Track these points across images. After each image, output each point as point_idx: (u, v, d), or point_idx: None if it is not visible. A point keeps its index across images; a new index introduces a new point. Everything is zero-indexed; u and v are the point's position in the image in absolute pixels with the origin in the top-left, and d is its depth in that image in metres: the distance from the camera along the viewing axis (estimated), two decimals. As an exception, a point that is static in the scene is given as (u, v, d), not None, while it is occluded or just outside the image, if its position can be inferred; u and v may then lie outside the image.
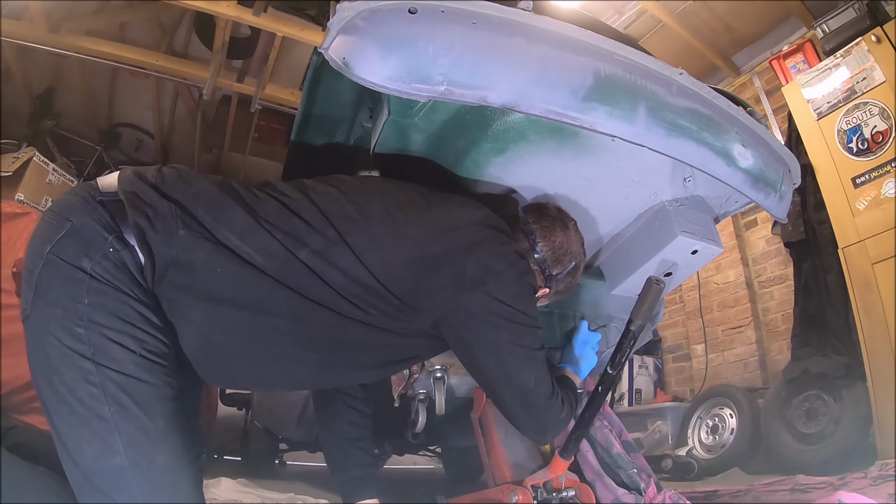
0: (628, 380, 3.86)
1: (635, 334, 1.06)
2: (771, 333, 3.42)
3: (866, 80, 2.57)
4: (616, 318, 1.62)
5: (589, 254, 1.39)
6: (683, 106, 0.93)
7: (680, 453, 3.05)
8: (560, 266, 1.07)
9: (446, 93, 0.78)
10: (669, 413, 3.42)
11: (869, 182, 2.52)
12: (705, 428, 3.16)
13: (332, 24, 0.80)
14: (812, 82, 2.78)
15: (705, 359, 3.65)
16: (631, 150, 0.96)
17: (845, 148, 2.62)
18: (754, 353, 3.41)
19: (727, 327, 3.61)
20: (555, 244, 1.06)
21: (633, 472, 1.31)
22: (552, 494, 1.22)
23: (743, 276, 3.58)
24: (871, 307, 2.41)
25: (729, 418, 3.04)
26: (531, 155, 1.05)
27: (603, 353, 1.63)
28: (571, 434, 1.19)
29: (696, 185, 1.16)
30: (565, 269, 1.08)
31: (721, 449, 2.98)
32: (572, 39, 0.87)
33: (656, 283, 1.04)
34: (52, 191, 3.80)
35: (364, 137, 1.13)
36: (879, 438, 2.24)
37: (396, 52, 0.78)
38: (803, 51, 3.09)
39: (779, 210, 1.12)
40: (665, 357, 4.07)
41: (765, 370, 3.36)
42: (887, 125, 2.47)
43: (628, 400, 3.83)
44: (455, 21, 0.80)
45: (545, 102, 0.82)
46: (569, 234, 1.09)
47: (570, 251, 1.08)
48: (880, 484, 1.71)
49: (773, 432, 2.69)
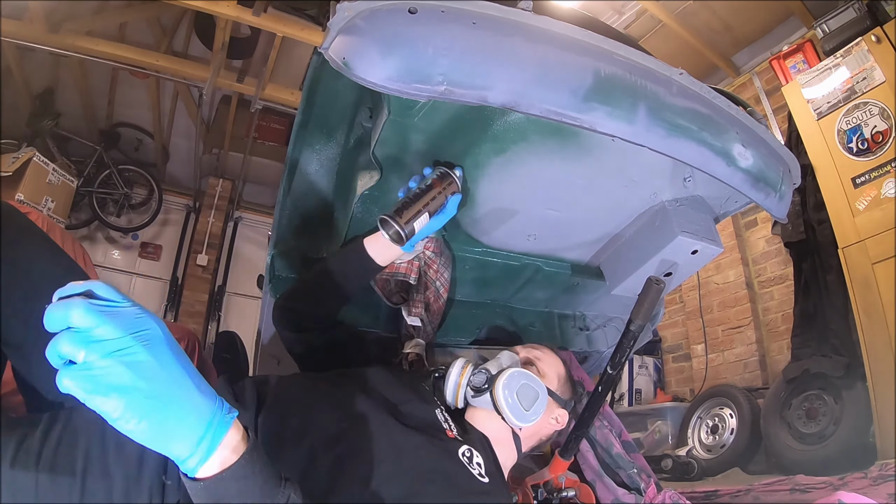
0: (628, 380, 3.86)
1: (635, 334, 1.06)
2: (771, 333, 3.43)
3: (866, 80, 2.57)
4: (616, 318, 1.62)
5: (589, 254, 1.39)
6: (683, 106, 0.93)
7: (680, 453, 3.05)
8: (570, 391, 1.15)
9: (446, 93, 0.77)
10: (669, 413, 3.42)
11: (869, 182, 2.52)
12: (705, 428, 3.16)
13: (332, 24, 0.80)
14: (812, 82, 2.78)
15: (705, 359, 3.65)
16: (631, 150, 0.96)
17: (845, 148, 2.62)
18: (754, 353, 3.41)
19: (727, 327, 3.61)
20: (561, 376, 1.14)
21: (633, 472, 1.31)
22: (552, 494, 1.22)
23: (743, 276, 3.58)
24: (871, 307, 2.41)
25: (729, 418, 3.04)
26: (531, 155, 1.05)
27: (604, 353, 1.64)
28: (571, 434, 1.19)
29: (696, 185, 1.16)
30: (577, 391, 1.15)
31: (721, 449, 2.98)
32: (572, 39, 0.87)
33: (656, 283, 1.04)
34: (51, 191, 3.81)
35: (364, 137, 1.13)
36: (879, 438, 2.24)
37: (396, 52, 0.77)
38: (803, 51, 3.10)
39: (779, 210, 1.12)
40: (665, 357, 4.07)
41: (765, 370, 3.36)
42: (887, 125, 2.47)
43: (628, 400, 3.83)
44: (455, 21, 0.80)
45: (545, 102, 0.82)
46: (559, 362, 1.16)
47: (570, 376, 1.17)
48: (880, 484, 1.71)
49: (773, 432, 2.69)
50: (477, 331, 1.49)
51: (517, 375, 1.00)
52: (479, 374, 1.02)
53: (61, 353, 0.45)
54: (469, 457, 0.87)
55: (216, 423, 0.50)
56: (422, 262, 1.22)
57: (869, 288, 2.43)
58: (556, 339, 1.57)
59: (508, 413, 0.97)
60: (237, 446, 0.52)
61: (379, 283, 1.24)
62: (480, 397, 1.00)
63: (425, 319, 1.28)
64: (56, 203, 3.83)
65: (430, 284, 1.25)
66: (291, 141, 1.15)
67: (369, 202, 1.15)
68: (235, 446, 0.51)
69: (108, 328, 0.45)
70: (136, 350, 0.46)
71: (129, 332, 0.46)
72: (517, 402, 0.98)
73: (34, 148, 3.77)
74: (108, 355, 0.45)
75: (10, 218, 0.80)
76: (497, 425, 1.02)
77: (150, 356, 0.47)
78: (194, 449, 0.48)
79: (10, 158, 3.55)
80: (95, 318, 0.45)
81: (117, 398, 0.45)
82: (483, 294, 1.48)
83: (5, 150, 3.73)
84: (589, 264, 1.43)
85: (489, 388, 1.00)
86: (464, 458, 0.86)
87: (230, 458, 0.51)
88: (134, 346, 0.46)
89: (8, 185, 3.48)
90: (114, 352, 0.45)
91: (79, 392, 0.44)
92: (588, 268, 1.43)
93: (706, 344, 3.69)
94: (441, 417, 0.96)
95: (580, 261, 1.41)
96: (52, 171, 3.81)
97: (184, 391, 0.49)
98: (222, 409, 0.51)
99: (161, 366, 0.47)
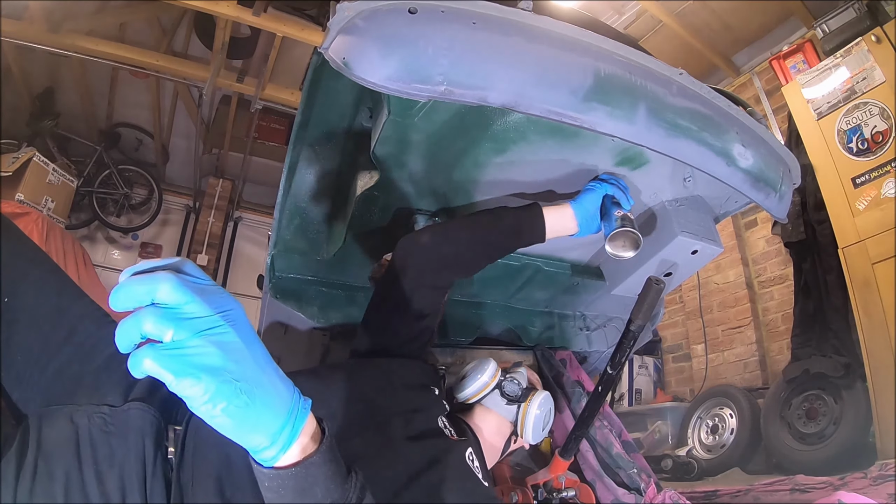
0: (628, 380, 3.86)
1: (635, 334, 1.06)
2: (771, 333, 3.42)
3: (866, 80, 2.57)
4: (616, 318, 1.62)
5: (589, 254, 1.39)
6: (683, 106, 0.93)
7: (680, 453, 3.05)
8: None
9: (446, 93, 0.77)
10: (669, 413, 3.42)
11: (869, 182, 2.52)
12: (705, 428, 3.16)
13: (332, 24, 0.80)
14: (812, 82, 2.78)
15: (705, 359, 3.65)
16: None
17: (845, 148, 2.62)
18: (754, 353, 3.41)
19: (727, 327, 3.61)
20: None
21: (633, 472, 1.31)
22: (552, 494, 1.22)
23: (743, 276, 3.58)
24: (871, 307, 2.41)
25: (729, 418, 3.04)
26: (531, 155, 1.05)
27: (604, 353, 1.64)
28: (571, 434, 1.19)
29: (696, 185, 1.16)
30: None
31: (721, 449, 2.98)
32: (572, 39, 0.87)
33: (656, 283, 1.04)
34: (51, 191, 3.81)
35: (364, 137, 1.13)
36: (879, 438, 2.24)
37: (396, 52, 0.77)
38: (803, 51, 3.09)
39: (779, 210, 1.12)
40: (665, 357, 4.07)
41: (765, 370, 3.36)
42: (887, 125, 2.47)
43: (628, 400, 3.83)
44: (455, 21, 0.80)
45: (545, 102, 0.82)
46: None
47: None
48: (880, 484, 1.71)
49: (773, 432, 2.69)
50: (477, 331, 1.49)
51: (547, 400, 1.09)
52: (511, 384, 1.08)
53: (144, 332, 0.41)
54: (472, 459, 0.88)
55: (297, 409, 0.47)
56: (422, 262, 1.21)
57: (869, 288, 2.43)
58: (556, 340, 1.57)
59: (530, 430, 1.04)
60: (315, 434, 0.49)
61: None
62: (508, 406, 1.05)
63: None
64: (56, 203, 3.83)
65: (431, 284, 1.25)
66: (291, 141, 1.15)
67: (369, 202, 1.15)
68: (313, 434, 0.49)
69: (198, 305, 0.42)
70: (224, 330, 0.43)
71: (218, 310, 0.43)
72: (541, 422, 1.06)
73: (34, 148, 3.76)
74: (198, 334, 0.41)
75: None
76: (494, 429, 1.04)
77: (237, 337, 0.44)
78: (277, 437, 0.45)
79: (10, 158, 3.54)
80: (186, 294, 0.42)
81: (208, 380, 0.41)
82: (483, 294, 1.48)
83: (5, 150, 3.73)
84: (589, 264, 1.43)
85: (520, 401, 1.06)
86: (469, 461, 0.87)
87: (310, 446, 0.48)
88: (223, 325, 0.43)
89: (8, 185, 3.48)
90: (205, 330, 0.42)
91: (165, 374, 0.40)
92: (588, 268, 1.43)
93: (706, 344, 3.69)
94: (442, 424, 0.96)
95: (580, 261, 1.42)
96: (52, 171, 3.81)
97: (269, 375, 0.46)
98: (300, 396, 0.49)
99: (248, 347, 0.44)
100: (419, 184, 1.14)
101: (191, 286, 0.42)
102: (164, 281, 0.41)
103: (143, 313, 0.41)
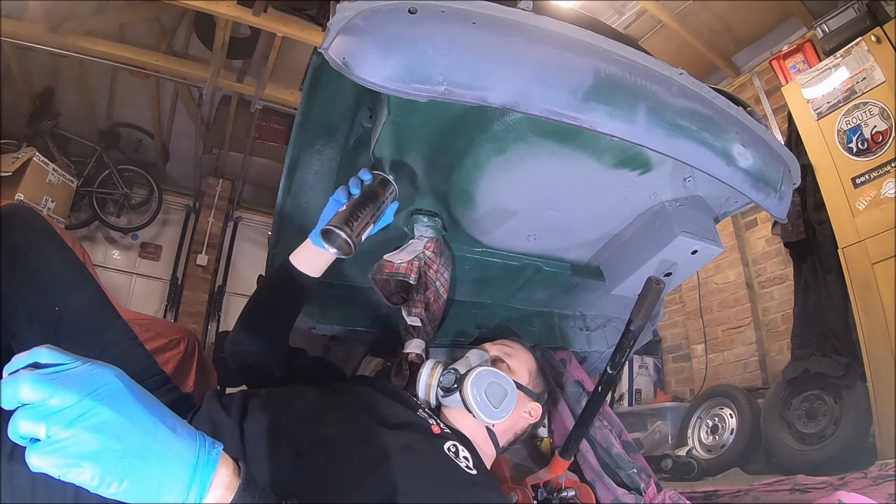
0: (628, 380, 3.86)
1: (635, 334, 1.06)
2: (771, 333, 3.43)
3: (866, 80, 2.57)
4: (616, 318, 1.62)
5: (589, 254, 1.39)
6: (683, 106, 0.93)
7: (680, 453, 3.05)
8: (543, 384, 1.19)
9: (446, 93, 0.77)
10: (669, 413, 3.42)
11: (869, 182, 2.52)
12: (705, 428, 3.16)
13: (332, 24, 0.80)
14: (812, 82, 2.78)
15: (705, 359, 3.65)
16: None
17: (845, 148, 2.62)
18: (754, 353, 3.41)
19: (727, 327, 3.61)
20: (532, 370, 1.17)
21: (633, 472, 1.31)
22: (552, 494, 1.22)
23: (743, 276, 3.58)
24: (871, 307, 2.41)
25: (729, 418, 3.04)
26: (531, 155, 1.05)
27: (604, 353, 1.64)
28: (571, 434, 1.19)
29: (696, 185, 1.16)
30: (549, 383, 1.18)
31: (721, 449, 2.98)
32: (572, 39, 0.87)
33: (656, 283, 1.04)
34: (51, 191, 3.81)
35: (364, 137, 1.13)
36: (879, 438, 2.24)
37: (396, 52, 0.77)
38: (803, 51, 3.10)
39: (779, 210, 1.12)
40: (665, 357, 4.07)
41: (765, 370, 3.36)
42: (887, 125, 2.47)
43: (628, 400, 3.83)
44: (455, 21, 0.80)
45: (545, 102, 0.82)
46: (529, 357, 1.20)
47: (541, 370, 1.20)
48: (880, 484, 1.71)
49: (773, 432, 2.69)
50: (477, 331, 1.49)
51: (484, 374, 1.02)
52: (447, 375, 1.04)
53: (22, 434, 0.41)
54: (455, 451, 0.89)
55: (202, 464, 0.47)
56: (422, 262, 1.22)
57: (869, 288, 2.43)
58: (556, 340, 1.57)
59: (478, 411, 0.99)
60: (230, 482, 0.49)
61: (379, 283, 1.24)
62: (451, 397, 1.02)
63: (425, 319, 1.28)
64: (56, 203, 3.83)
65: (430, 284, 1.25)
66: (291, 141, 1.15)
67: (369, 202, 1.15)
68: (228, 483, 0.49)
69: (63, 395, 0.42)
70: (98, 410, 0.43)
71: (87, 393, 0.43)
72: (486, 400, 1.00)
73: (34, 148, 3.77)
74: (70, 424, 0.41)
75: (29, 219, 0.83)
76: (471, 423, 1.04)
77: (114, 413, 0.43)
78: (185, 496, 0.45)
79: (10, 158, 3.55)
80: (46, 388, 0.41)
81: (91, 466, 0.41)
82: (483, 294, 1.48)
83: (5, 150, 3.73)
84: (589, 264, 1.43)
85: (458, 388, 1.02)
86: (450, 452, 0.87)
87: (225, 497, 0.48)
88: (95, 406, 0.43)
89: (8, 185, 3.49)
90: (75, 419, 0.42)
91: (52, 470, 0.41)
92: (588, 268, 1.43)
93: (706, 344, 3.69)
94: (424, 415, 0.98)
95: (580, 261, 1.41)
96: (52, 171, 3.82)
97: (159, 440, 0.45)
98: (205, 446, 0.48)
99: (129, 420, 0.44)
100: (419, 184, 1.14)
101: (51, 378, 0.42)
102: (22, 382, 0.42)
103: (15, 417, 0.41)
